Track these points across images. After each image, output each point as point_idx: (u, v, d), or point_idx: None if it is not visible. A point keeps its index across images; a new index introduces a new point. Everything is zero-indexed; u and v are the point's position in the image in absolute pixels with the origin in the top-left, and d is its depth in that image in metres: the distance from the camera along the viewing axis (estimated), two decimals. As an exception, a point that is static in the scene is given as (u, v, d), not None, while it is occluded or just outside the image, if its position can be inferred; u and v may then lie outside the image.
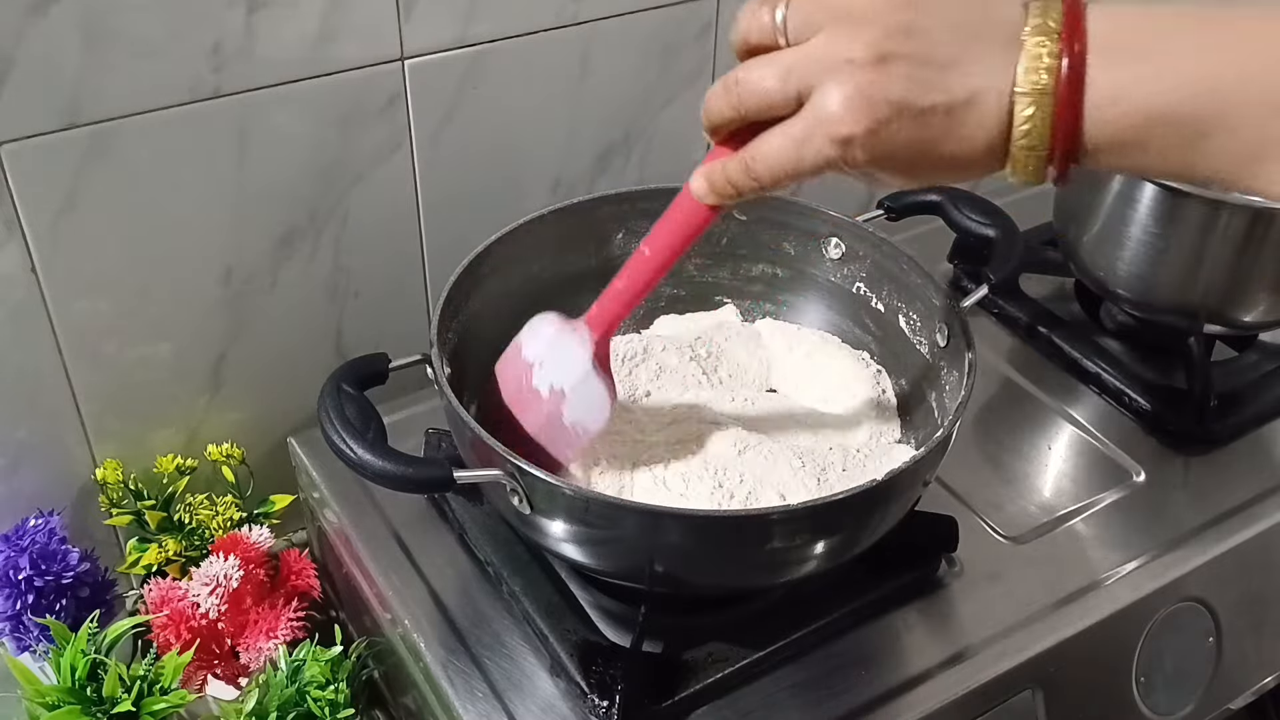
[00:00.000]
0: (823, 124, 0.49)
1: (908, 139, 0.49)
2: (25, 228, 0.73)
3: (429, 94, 0.84)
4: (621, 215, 0.82)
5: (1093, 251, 0.91)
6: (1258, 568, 0.82)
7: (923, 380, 0.77)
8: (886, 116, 0.48)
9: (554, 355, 0.67)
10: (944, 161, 0.50)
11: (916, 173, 0.51)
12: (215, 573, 0.75)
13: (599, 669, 0.66)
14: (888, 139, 0.48)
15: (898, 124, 0.48)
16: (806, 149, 0.50)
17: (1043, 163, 0.49)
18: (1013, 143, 0.48)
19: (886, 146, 0.49)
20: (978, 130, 0.48)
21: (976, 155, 0.49)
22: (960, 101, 0.48)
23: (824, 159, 0.50)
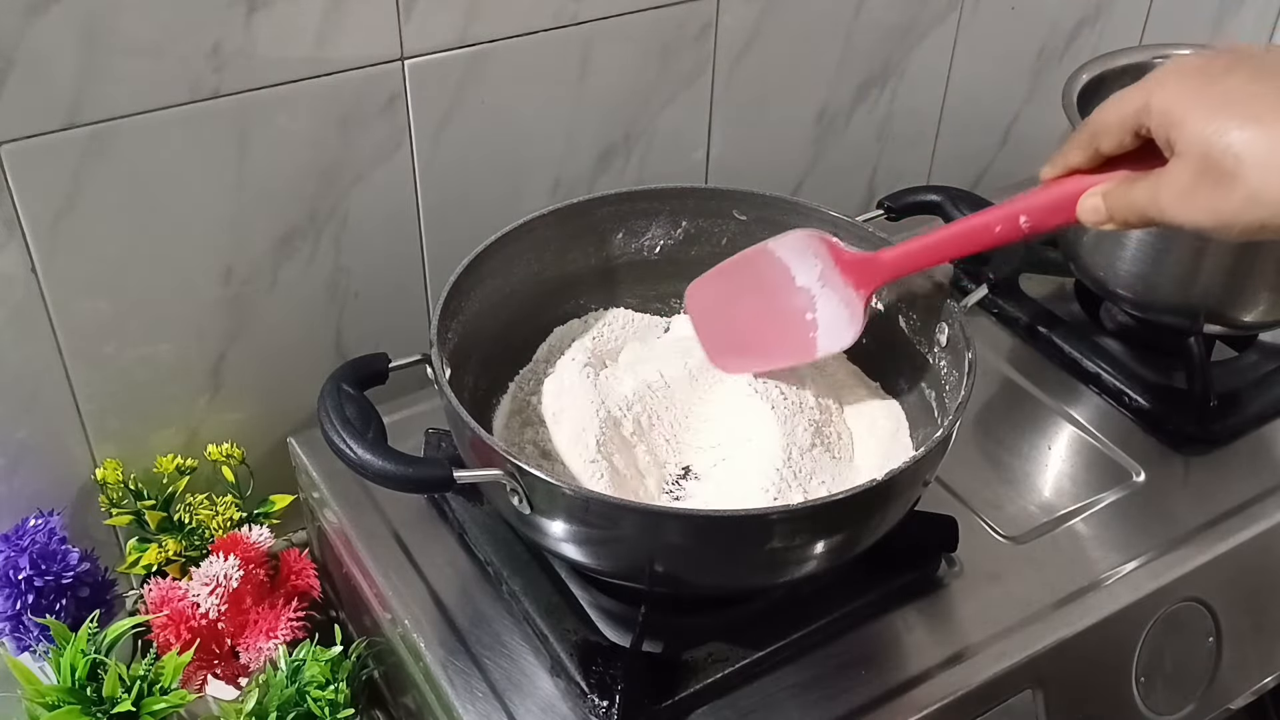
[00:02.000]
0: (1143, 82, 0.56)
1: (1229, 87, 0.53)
2: (25, 228, 0.73)
3: (429, 94, 0.84)
4: (621, 215, 0.82)
5: (1093, 251, 0.91)
6: (1258, 568, 0.82)
7: (923, 380, 0.77)
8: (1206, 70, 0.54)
9: (825, 294, 0.73)
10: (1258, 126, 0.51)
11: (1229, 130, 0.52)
12: (215, 573, 0.75)
13: (599, 669, 0.66)
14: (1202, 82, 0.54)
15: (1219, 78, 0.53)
16: (1123, 97, 0.57)
17: None
18: None
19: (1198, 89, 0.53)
20: None
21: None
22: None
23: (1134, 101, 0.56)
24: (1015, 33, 1.14)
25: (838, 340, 0.74)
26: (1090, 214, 0.60)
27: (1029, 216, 0.64)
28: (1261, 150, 0.51)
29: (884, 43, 1.05)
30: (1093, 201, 0.59)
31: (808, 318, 0.74)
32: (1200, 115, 0.53)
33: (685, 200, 0.82)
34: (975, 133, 1.19)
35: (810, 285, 0.74)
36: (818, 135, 1.07)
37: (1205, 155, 0.53)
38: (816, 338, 0.74)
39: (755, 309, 0.76)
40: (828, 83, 1.04)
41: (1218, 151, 0.52)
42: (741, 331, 0.77)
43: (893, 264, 0.72)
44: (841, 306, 0.73)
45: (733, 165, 1.03)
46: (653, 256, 0.84)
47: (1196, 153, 0.53)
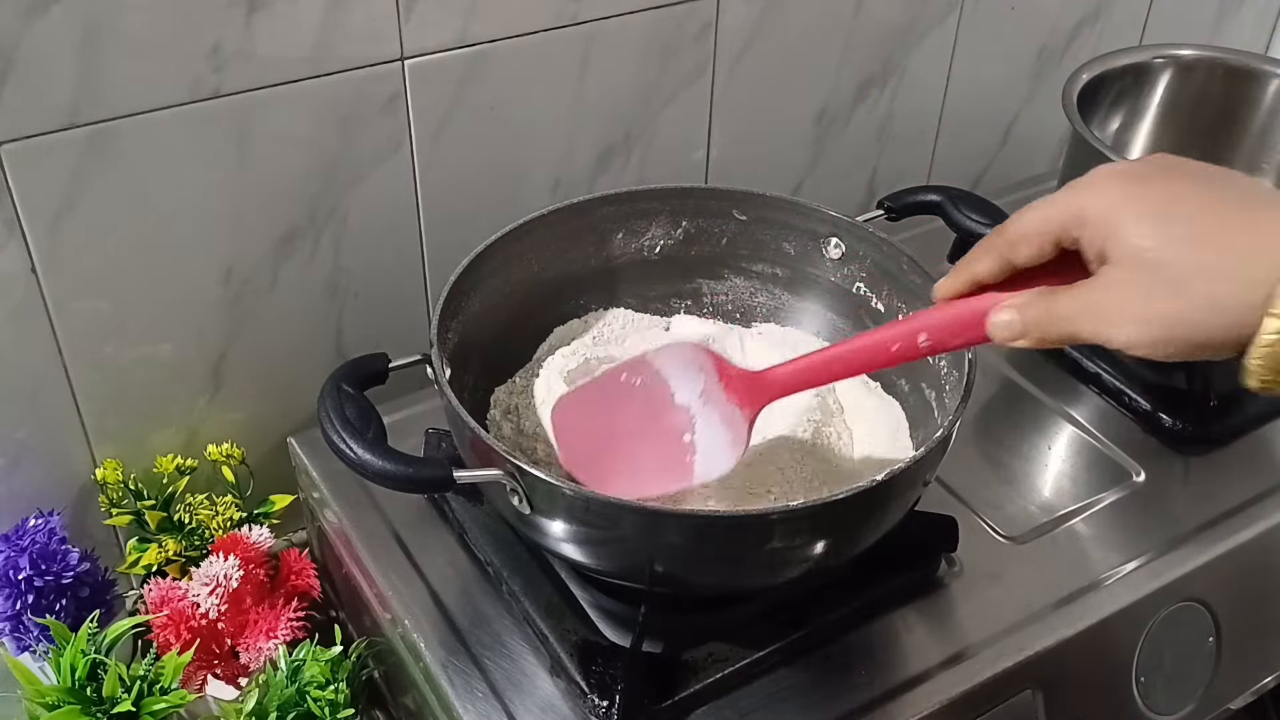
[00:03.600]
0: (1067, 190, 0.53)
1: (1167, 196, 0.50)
2: (25, 228, 0.73)
3: (429, 94, 0.84)
4: (621, 215, 0.82)
5: (1093, 251, 0.91)
6: (1258, 568, 0.82)
7: (923, 380, 0.77)
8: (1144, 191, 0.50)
9: (706, 413, 0.66)
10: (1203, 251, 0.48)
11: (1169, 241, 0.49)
12: (215, 573, 0.75)
13: (599, 669, 0.66)
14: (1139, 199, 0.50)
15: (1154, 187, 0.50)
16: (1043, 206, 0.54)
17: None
18: (1249, 355, 0.48)
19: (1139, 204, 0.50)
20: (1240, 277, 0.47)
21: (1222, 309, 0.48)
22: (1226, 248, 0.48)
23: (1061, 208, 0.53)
24: (1015, 33, 1.14)
25: (716, 465, 0.65)
26: (1003, 329, 0.54)
27: (928, 335, 0.58)
28: (1204, 261, 0.48)
29: (884, 43, 1.05)
30: (1005, 316, 0.54)
31: (685, 440, 0.66)
32: (1140, 223, 0.49)
33: (685, 200, 0.82)
34: (975, 133, 1.19)
35: (691, 403, 0.67)
36: (818, 135, 1.07)
37: (1145, 266, 0.49)
38: (693, 462, 0.66)
39: (628, 427, 0.68)
40: (828, 83, 1.04)
41: (1159, 262, 0.48)
42: (612, 451, 0.68)
43: (780, 383, 0.65)
44: (723, 428, 0.66)
45: (733, 165, 1.03)
46: (653, 256, 0.84)
47: (1134, 264, 0.49)
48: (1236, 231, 0.48)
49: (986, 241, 0.55)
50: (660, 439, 0.67)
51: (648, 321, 0.86)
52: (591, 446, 0.69)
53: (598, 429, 0.69)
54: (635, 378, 0.69)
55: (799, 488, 0.71)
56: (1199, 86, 1.01)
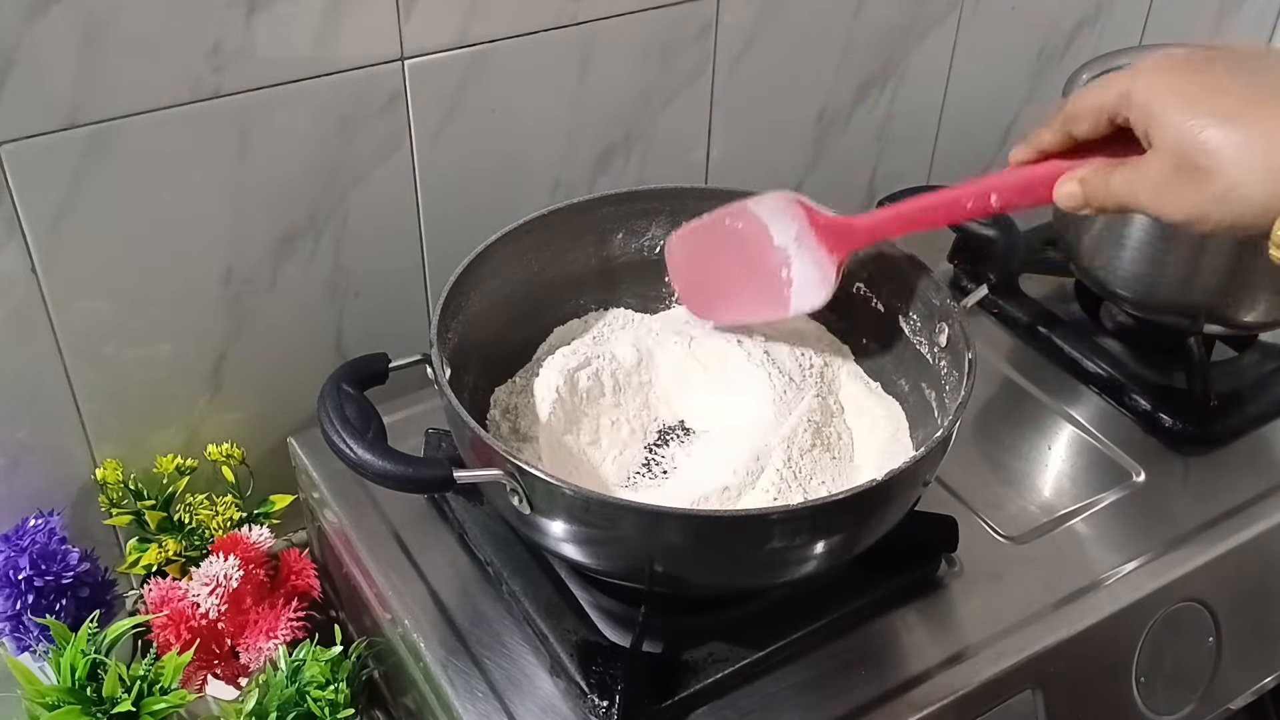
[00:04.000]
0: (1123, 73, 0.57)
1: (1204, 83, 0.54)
2: (25, 228, 0.73)
3: (429, 94, 0.84)
4: (621, 215, 0.82)
5: (1093, 251, 0.91)
6: (1258, 568, 0.82)
7: (923, 380, 0.77)
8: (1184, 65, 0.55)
9: (800, 254, 0.75)
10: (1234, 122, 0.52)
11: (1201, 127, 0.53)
12: (215, 573, 0.75)
13: (599, 669, 0.66)
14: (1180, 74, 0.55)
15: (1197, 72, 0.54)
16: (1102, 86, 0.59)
17: None
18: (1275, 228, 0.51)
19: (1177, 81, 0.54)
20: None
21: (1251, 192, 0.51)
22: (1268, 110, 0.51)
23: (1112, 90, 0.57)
24: (1015, 33, 1.14)
25: (810, 299, 0.75)
26: (1068, 199, 0.60)
27: (999, 195, 0.65)
28: (1234, 148, 0.51)
29: (884, 43, 1.05)
30: (1070, 187, 0.60)
31: (783, 275, 0.76)
32: (1178, 110, 0.53)
33: (685, 200, 0.82)
34: (975, 133, 1.19)
35: (786, 245, 0.75)
36: (818, 135, 1.07)
37: (1182, 152, 0.53)
38: (790, 295, 0.76)
39: (733, 263, 0.78)
40: (828, 83, 1.04)
41: (1193, 148, 0.52)
42: (719, 282, 0.79)
43: (866, 231, 0.73)
44: (814, 268, 0.75)
45: (733, 165, 1.03)
46: (653, 256, 0.84)
47: (1173, 148, 0.53)
48: (1268, 119, 0.51)
49: (1051, 118, 0.61)
50: (761, 273, 0.76)
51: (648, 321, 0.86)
52: (701, 279, 0.80)
53: (706, 264, 0.79)
54: (738, 221, 0.77)
55: (799, 488, 0.70)
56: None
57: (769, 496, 0.69)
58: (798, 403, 0.75)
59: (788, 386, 0.76)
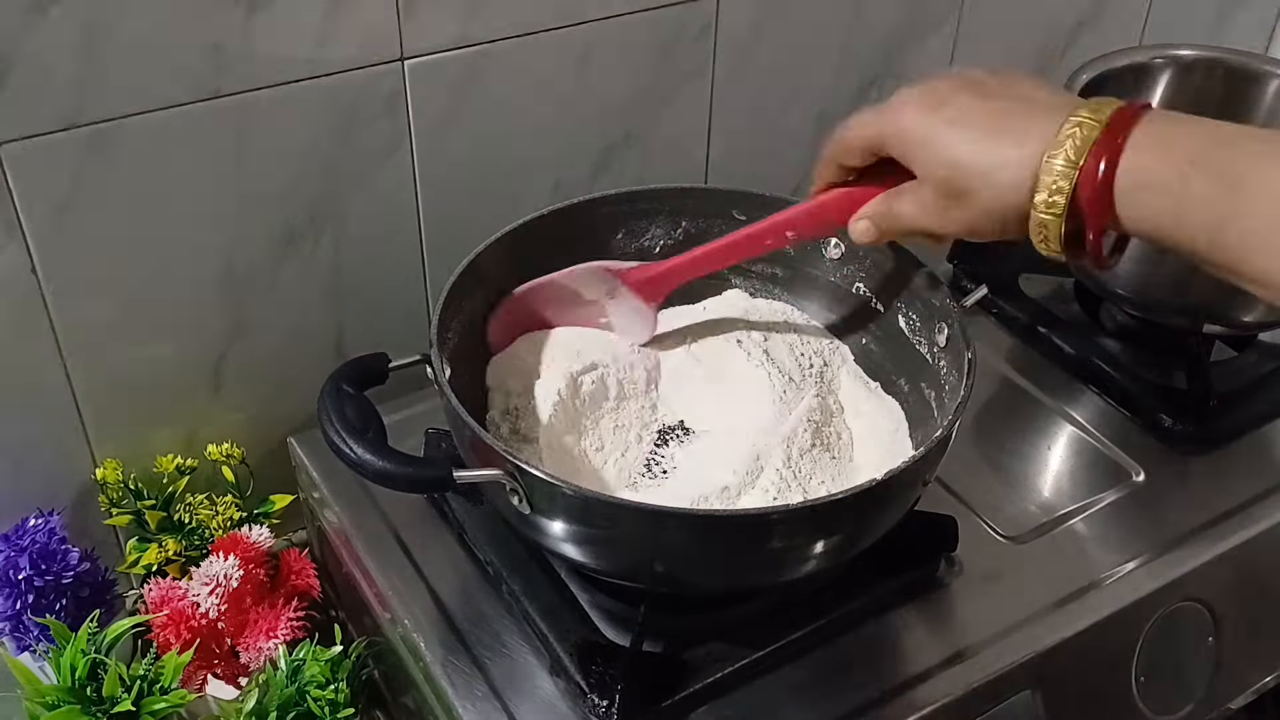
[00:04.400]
0: (879, 109, 0.62)
1: (948, 118, 0.58)
2: (25, 228, 0.73)
3: (429, 94, 0.84)
4: (621, 215, 0.82)
5: (1093, 251, 0.91)
6: (1257, 568, 0.82)
7: (923, 380, 0.77)
8: (930, 104, 0.59)
9: (615, 306, 0.79)
10: (977, 158, 0.57)
11: (948, 160, 0.58)
12: (215, 572, 0.75)
13: (599, 669, 0.66)
14: (929, 111, 0.59)
15: (939, 110, 0.59)
16: (854, 123, 0.65)
17: (1059, 224, 0.55)
18: (1038, 186, 0.54)
19: (924, 117, 0.59)
20: (1012, 156, 0.56)
21: (1008, 179, 0.56)
22: (1005, 127, 0.56)
23: (865, 124, 0.63)
24: (1015, 33, 1.14)
25: (635, 337, 0.80)
26: (863, 235, 0.65)
27: (794, 230, 0.72)
28: (981, 166, 0.56)
29: (884, 43, 1.05)
30: (862, 225, 0.65)
31: (601, 321, 0.80)
32: (930, 141, 0.58)
33: (685, 200, 0.82)
34: (975, 133, 1.19)
35: (599, 299, 0.79)
36: (818, 135, 1.07)
37: (941, 178, 0.58)
38: (612, 331, 0.80)
39: (551, 321, 0.80)
40: (828, 83, 1.04)
41: (950, 173, 0.57)
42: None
43: (664, 275, 0.77)
44: (634, 314, 0.79)
45: (733, 165, 1.03)
46: (653, 256, 0.84)
47: (935, 176, 0.59)
48: (1009, 142, 0.56)
49: (825, 152, 0.67)
50: (580, 322, 0.80)
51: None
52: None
53: (525, 327, 0.80)
54: (544, 292, 0.78)
55: (799, 488, 0.70)
56: (1198, 87, 1.01)
57: (769, 496, 0.69)
58: (797, 403, 0.75)
59: (787, 386, 0.76)
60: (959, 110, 0.58)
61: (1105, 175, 0.52)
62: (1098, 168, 0.52)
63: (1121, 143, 0.52)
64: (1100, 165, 0.52)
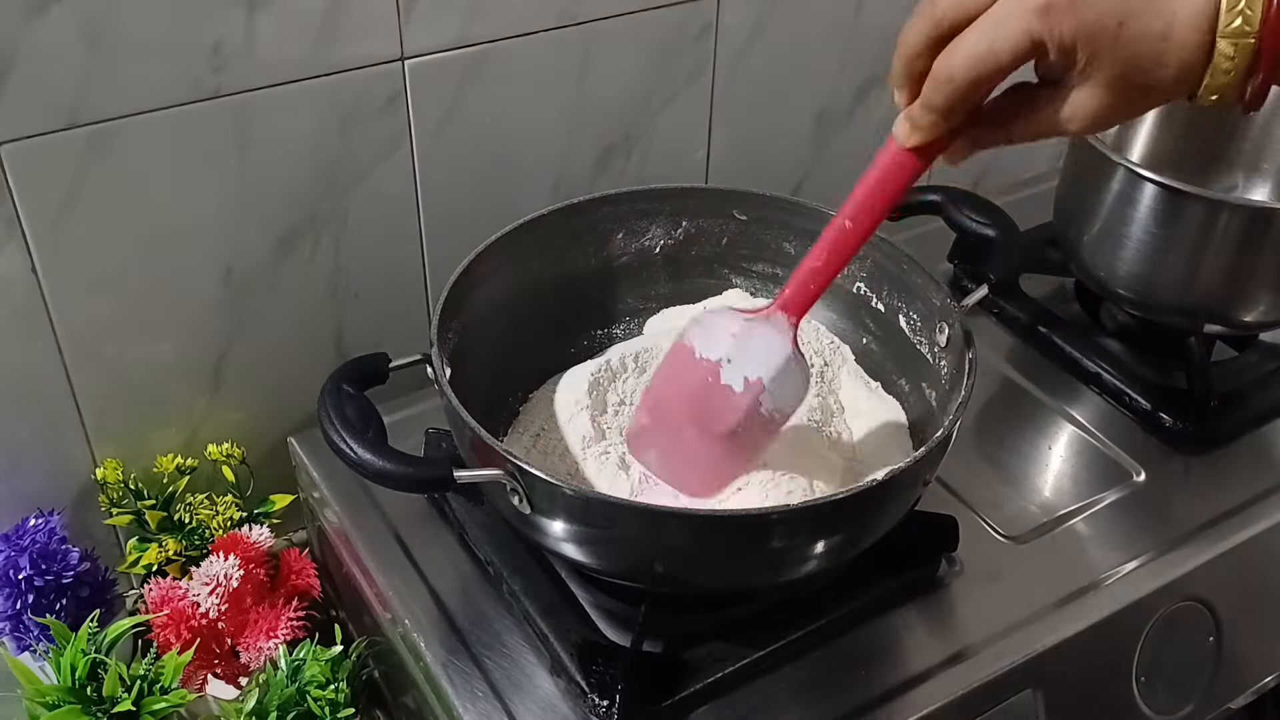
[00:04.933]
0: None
1: (1116, 4, 0.48)
2: (25, 228, 0.73)
3: (429, 94, 0.84)
4: (621, 215, 0.82)
5: (1093, 251, 0.91)
6: (1258, 568, 0.82)
7: (923, 380, 0.77)
8: None
9: (746, 349, 0.66)
10: (1157, 41, 0.48)
11: (1128, 57, 0.49)
12: (215, 572, 0.75)
13: (599, 669, 0.66)
14: (1091, 5, 0.48)
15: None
16: (1004, 28, 0.48)
17: (1246, 61, 0.47)
18: (1221, 30, 0.47)
19: (1093, 10, 0.48)
20: (1189, 6, 0.47)
21: (1191, 39, 0.48)
22: None
23: (1025, 33, 0.48)
24: (1015, 33, 1.14)
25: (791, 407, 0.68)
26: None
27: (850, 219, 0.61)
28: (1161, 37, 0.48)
29: (884, 43, 1.05)
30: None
31: (711, 381, 0.67)
32: (1103, 27, 0.49)
33: (685, 200, 0.82)
34: (975, 133, 1.19)
35: (713, 356, 0.67)
36: (818, 135, 1.07)
37: (1120, 73, 0.49)
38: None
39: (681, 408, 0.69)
40: (828, 83, 1.04)
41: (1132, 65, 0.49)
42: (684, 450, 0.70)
43: (790, 304, 0.66)
44: (765, 340, 0.67)
45: (733, 165, 1.03)
46: (653, 256, 0.84)
47: (1111, 72, 0.50)
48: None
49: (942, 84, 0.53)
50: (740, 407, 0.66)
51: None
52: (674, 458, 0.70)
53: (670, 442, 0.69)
54: (682, 364, 0.68)
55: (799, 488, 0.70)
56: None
57: (769, 496, 0.69)
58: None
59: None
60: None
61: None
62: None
63: None
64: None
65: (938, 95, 0.52)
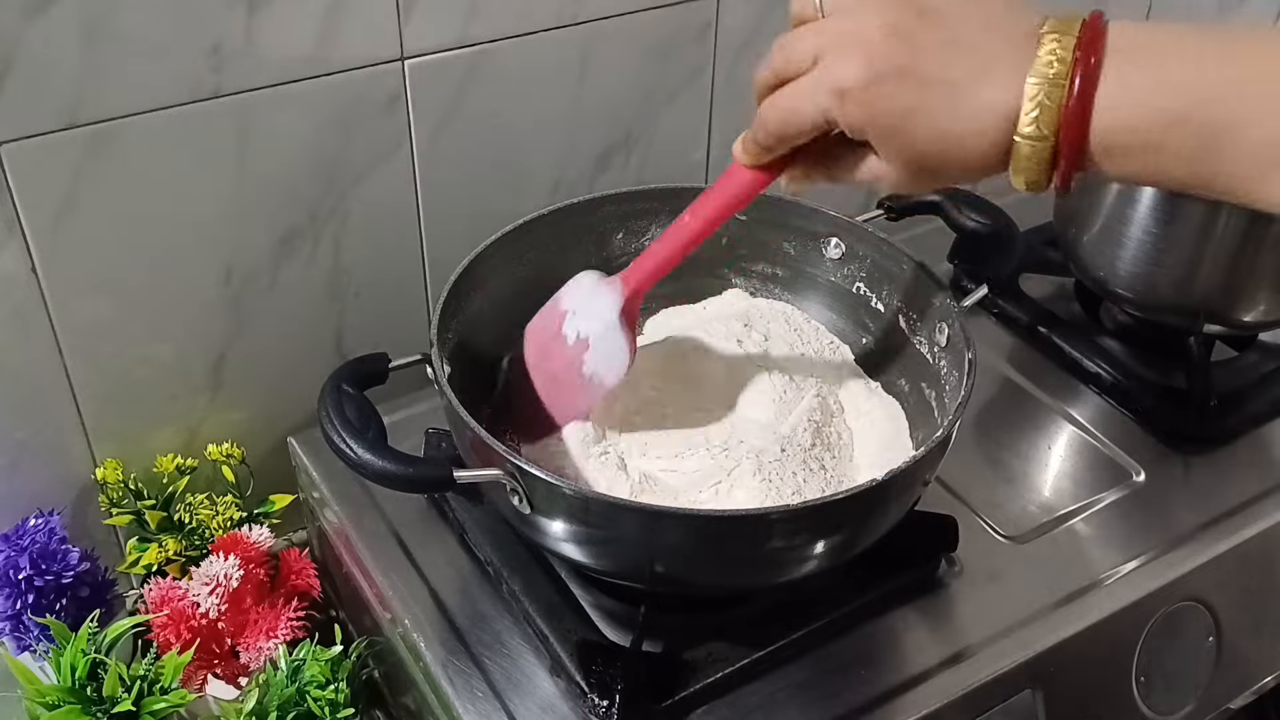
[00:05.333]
0: (825, 77, 0.51)
1: (906, 105, 0.50)
2: (25, 228, 0.73)
3: (429, 94, 0.84)
4: (621, 215, 0.82)
5: (1093, 251, 0.91)
6: (1258, 568, 0.82)
7: (923, 380, 0.77)
8: (887, 75, 0.49)
9: (587, 304, 0.71)
10: (943, 141, 0.50)
11: (914, 149, 0.51)
12: (215, 572, 0.75)
13: (599, 669, 0.66)
14: (886, 98, 0.50)
15: (898, 86, 0.49)
16: (805, 100, 0.52)
17: (1046, 159, 0.49)
18: (1018, 132, 0.48)
19: (884, 105, 0.50)
20: (983, 113, 0.49)
21: (981, 142, 0.49)
22: (966, 78, 0.49)
23: (820, 110, 0.52)
24: (1015, 33, 1.14)
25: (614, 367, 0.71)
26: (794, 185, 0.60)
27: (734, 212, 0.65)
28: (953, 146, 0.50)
29: (884, 43, 1.05)
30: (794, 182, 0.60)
31: (584, 366, 0.71)
32: (893, 133, 0.52)
33: (685, 200, 0.81)
34: (975, 133, 1.19)
35: (574, 304, 0.72)
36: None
37: (911, 163, 0.52)
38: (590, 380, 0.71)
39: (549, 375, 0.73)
40: (828, 83, 1.04)
41: (921, 162, 0.52)
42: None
43: (634, 282, 0.70)
44: (613, 339, 0.70)
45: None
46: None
47: (903, 165, 0.52)
48: (976, 104, 0.49)
49: (767, 129, 0.56)
50: (564, 358, 0.72)
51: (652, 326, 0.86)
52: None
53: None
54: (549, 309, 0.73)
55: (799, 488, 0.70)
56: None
57: (769, 497, 0.69)
58: (798, 403, 0.75)
59: (788, 386, 0.76)
60: (912, 79, 0.49)
61: (1080, 132, 0.48)
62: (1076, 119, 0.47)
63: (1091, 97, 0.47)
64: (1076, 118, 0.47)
65: (759, 132, 0.56)
